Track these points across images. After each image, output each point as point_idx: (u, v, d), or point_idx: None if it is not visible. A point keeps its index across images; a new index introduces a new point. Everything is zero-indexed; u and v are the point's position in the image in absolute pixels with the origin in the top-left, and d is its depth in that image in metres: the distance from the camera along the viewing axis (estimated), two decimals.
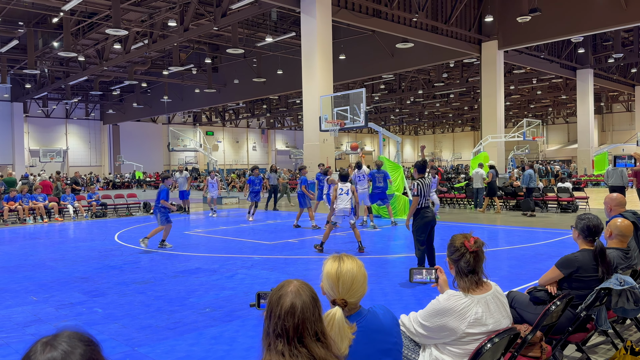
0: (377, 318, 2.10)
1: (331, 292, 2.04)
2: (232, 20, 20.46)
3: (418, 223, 7.23)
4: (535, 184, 16.71)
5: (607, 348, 4.40)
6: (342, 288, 2.02)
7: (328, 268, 2.07)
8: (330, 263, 2.09)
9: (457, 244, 2.65)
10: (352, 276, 2.04)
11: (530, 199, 16.14)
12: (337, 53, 25.08)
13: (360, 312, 2.07)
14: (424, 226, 7.18)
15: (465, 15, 23.90)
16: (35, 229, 14.95)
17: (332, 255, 2.15)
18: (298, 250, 10.02)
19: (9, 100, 41.29)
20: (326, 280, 2.06)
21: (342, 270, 2.04)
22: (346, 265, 2.05)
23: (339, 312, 1.90)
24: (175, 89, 40.26)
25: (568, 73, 32.72)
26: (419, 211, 7.25)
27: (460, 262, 2.61)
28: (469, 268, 2.59)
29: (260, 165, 57.97)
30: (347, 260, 2.08)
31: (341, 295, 2.02)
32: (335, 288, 2.03)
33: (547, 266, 8.00)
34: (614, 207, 4.73)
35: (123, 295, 6.64)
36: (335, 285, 2.03)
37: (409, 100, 45.85)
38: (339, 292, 2.03)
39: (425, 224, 7.18)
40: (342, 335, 1.86)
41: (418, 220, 7.24)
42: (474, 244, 2.61)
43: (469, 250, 2.60)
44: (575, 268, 3.58)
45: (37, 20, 25.08)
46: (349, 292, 2.03)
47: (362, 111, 15.12)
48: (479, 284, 2.61)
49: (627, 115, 52.59)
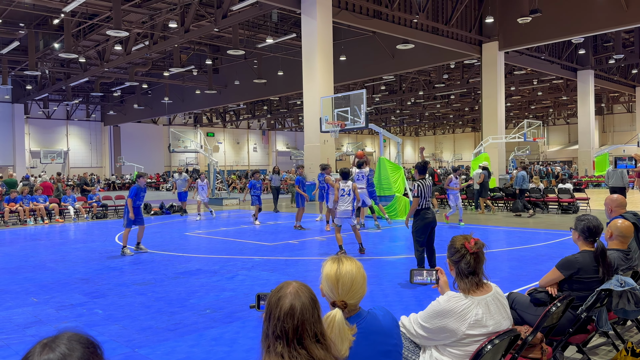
0: (377, 320, 2.10)
1: (331, 294, 2.04)
2: (233, 21, 20.48)
3: (418, 224, 7.22)
4: (527, 186, 16.81)
5: (607, 349, 4.39)
6: (341, 290, 2.02)
7: (327, 270, 2.07)
8: (329, 265, 2.09)
9: (457, 245, 2.65)
10: (352, 278, 2.04)
11: (521, 199, 16.25)
12: (337, 54, 25.10)
13: (360, 314, 2.06)
14: (423, 227, 7.17)
15: (465, 16, 23.91)
16: (36, 230, 14.96)
17: (330, 257, 2.15)
18: (299, 252, 10.02)
19: (9, 102, 41.34)
20: (325, 282, 2.06)
21: (341, 272, 2.04)
22: (345, 267, 2.05)
23: (339, 313, 1.90)
24: (176, 90, 40.29)
25: (569, 74, 32.72)
26: (419, 212, 7.24)
27: (461, 263, 2.61)
28: (470, 269, 2.59)
29: (261, 166, 58.05)
30: (346, 262, 2.08)
31: (341, 297, 2.02)
32: (335, 290, 2.03)
33: (548, 267, 7.98)
34: (615, 209, 4.73)
35: (123, 297, 6.64)
36: (334, 287, 2.03)
37: (410, 101, 45.87)
38: (339, 294, 2.02)
39: (425, 226, 7.17)
40: (343, 337, 1.86)
41: (418, 222, 7.23)
42: (475, 245, 2.60)
43: (469, 252, 2.60)
44: (576, 269, 3.57)
45: (38, 22, 25.13)
46: (349, 293, 2.03)
47: (362, 112, 15.12)
48: (479, 286, 2.61)
49: (627, 116, 52.56)
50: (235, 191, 33.29)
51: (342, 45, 26.54)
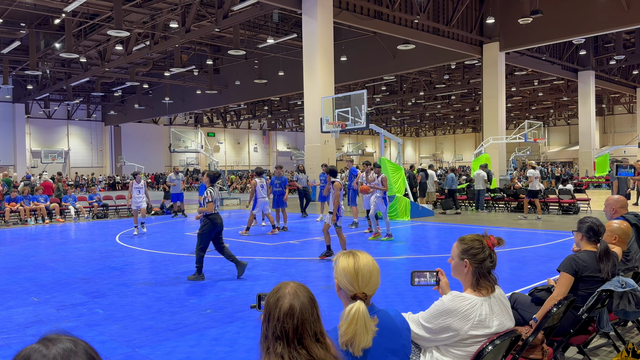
0: (389, 317, 2.14)
1: (350, 287, 2.06)
2: (234, 21, 20.49)
3: (208, 227, 7.62)
4: (456, 186, 17.73)
5: (608, 350, 4.39)
6: (362, 282, 2.05)
7: (344, 264, 2.08)
8: (345, 259, 2.10)
9: (477, 245, 2.62)
10: (370, 269, 2.08)
11: (451, 199, 17.17)
12: (338, 54, 25.10)
13: (373, 307, 2.10)
14: (211, 231, 7.62)
15: (466, 17, 23.91)
16: (37, 229, 14.96)
17: (342, 252, 2.16)
18: (299, 252, 10.02)
19: (10, 102, 41.37)
20: (344, 277, 2.07)
21: (359, 265, 2.07)
22: (362, 260, 2.08)
23: (362, 305, 1.94)
24: (177, 90, 40.31)
25: (569, 75, 32.72)
26: (209, 216, 7.65)
27: (486, 261, 2.60)
28: (492, 266, 2.60)
29: (262, 166, 58.05)
30: (361, 255, 2.11)
31: (361, 289, 2.05)
32: (355, 283, 2.05)
33: (549, 267, 7.98)
34: (619, 209, 4.74)
35: (124, 297, 6.64)
36: (354, 280, 2.05)
37: (410, 102, 45.87)
38: (359, 286, 2.05)
39: (214, 228, 7.64)
40: (367, 327, 1.90)
41: (209, 225, 7.62)
42: (498, 242, 2.62)
43: (491, 249, 2.61)
44: (581, 267, 3.56)
45: (39, 22, 25.14)
46: (368, 285, 2.06)
47: (363, 112, 15.12)
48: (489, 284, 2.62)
49: (628, 117, 52.55)
50: (236, 191, 33.30)
51: (342, 45, 26.54)
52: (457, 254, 2.65)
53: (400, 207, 15.45)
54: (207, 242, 7.64)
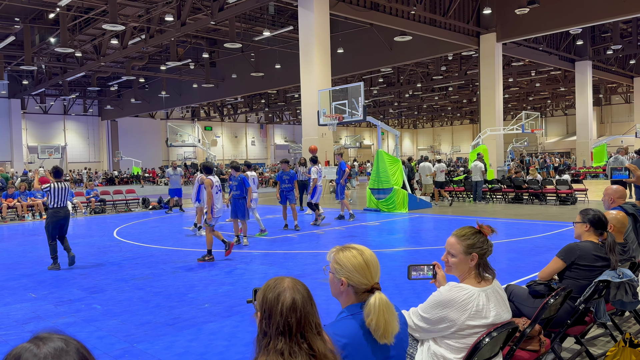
0: None
1: (365, 280, 2.05)
2: (230, 14, 20.36)
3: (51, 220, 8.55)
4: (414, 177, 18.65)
5: (605, 340, 4.41)
6: (374, 273, 2.07)
7: (352, 260, 2.05)
8: (349, 255, 2.07)
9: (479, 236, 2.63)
10: (375, 260, 2.11)
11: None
12: (335, 47, 25.00)
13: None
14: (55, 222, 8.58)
15: (463, 7, 23.80)
16: (34, 225, 14.94)
17: (338, 249, 2.12)
18: (297, 245, 10.02)
19: (6, 97, 41.15)
20: (355, 272, 2.04)
21: (367, 258, 2.08)
22: (366, 252, 2.10)
23: (383, 295, 1.97)
24: (173, 84, 40.15)
25: (567, 65, 32.66)
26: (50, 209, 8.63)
27: (489, 250, 2.64)
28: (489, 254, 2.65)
29: (260, 160, 58.00)
30: (362, 248, 2.12)
31: (374, 279, 2.06)
32: (368, 275, 2.05)
33: (546, 258, 7.98)
34: (617, 200, 4.74)
35: (122, 292, 6.63)
36: (367, 273, 2.05)
37: (408, 94, 45.78)
38: (372, 278, 2.06)
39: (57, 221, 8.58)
40: (393, 315, 1.95)
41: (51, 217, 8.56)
42: (490, 230, 2.65)
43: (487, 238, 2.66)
44: (576, 256, 3.58)
45: (33, 16, 24.96)
46: (377, 275, 2.09)
47: (360, 105, 15.08)
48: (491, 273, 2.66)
49: (625, 106, 52.56)
50: None
51: (339, 37, 26.42)
52: (460, 250, 2.63)
53: (398, 199, 15.48)
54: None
